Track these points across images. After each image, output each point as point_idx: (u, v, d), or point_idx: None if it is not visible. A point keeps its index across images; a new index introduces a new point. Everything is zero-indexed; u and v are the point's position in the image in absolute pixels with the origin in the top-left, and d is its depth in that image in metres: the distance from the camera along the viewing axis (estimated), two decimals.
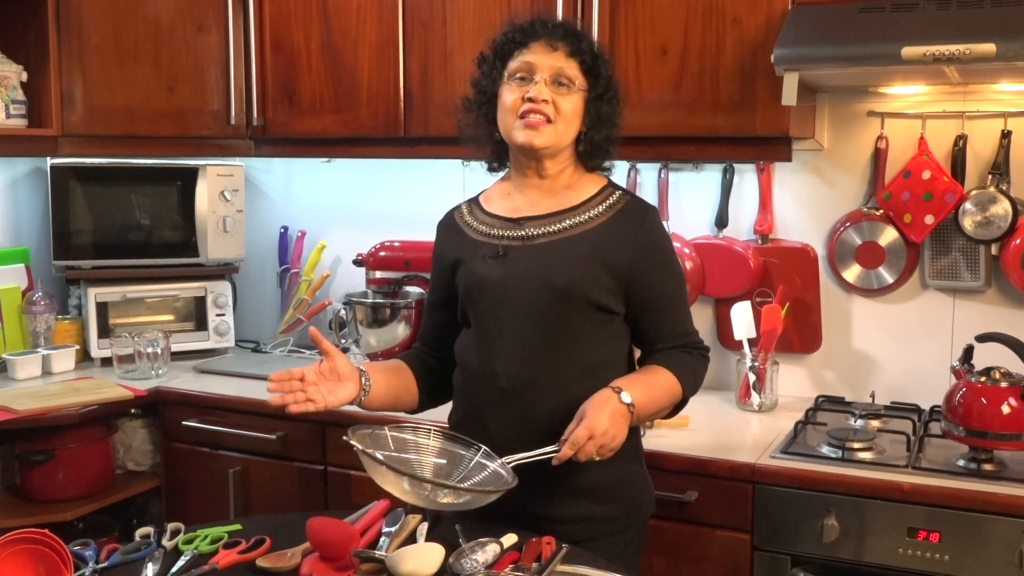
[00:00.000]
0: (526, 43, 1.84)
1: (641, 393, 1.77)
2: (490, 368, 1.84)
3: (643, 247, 1.84)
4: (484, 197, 2.00)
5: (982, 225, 2.43)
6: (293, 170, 3.38)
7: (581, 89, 1.84)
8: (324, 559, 1.63)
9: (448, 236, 1.99)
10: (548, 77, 1.81)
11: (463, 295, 1.91)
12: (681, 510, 2.16)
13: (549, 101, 1.81)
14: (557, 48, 1.83)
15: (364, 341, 2.89)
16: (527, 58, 1.83)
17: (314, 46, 2.86)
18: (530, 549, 1.65)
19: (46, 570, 1.51)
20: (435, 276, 2.02)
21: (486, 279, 1.85)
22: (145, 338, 2.92)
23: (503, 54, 1.88)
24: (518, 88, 1.83)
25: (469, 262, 1.89)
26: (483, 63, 1.93)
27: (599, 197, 1.89)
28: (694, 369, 1.90)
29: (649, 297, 1.86)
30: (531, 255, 1.84)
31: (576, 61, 1.83)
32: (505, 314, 1.84)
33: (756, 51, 2.31)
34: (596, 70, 1.85)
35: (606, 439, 1.68)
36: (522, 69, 1.83)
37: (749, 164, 2.70)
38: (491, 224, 1.92)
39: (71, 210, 3.05)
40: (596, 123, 1.87)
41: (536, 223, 1.87)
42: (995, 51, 1.95)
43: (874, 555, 2.03)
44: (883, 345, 2.62)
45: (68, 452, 2.66)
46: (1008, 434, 2.05)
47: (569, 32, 1.86)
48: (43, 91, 2.89)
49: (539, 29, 1.85)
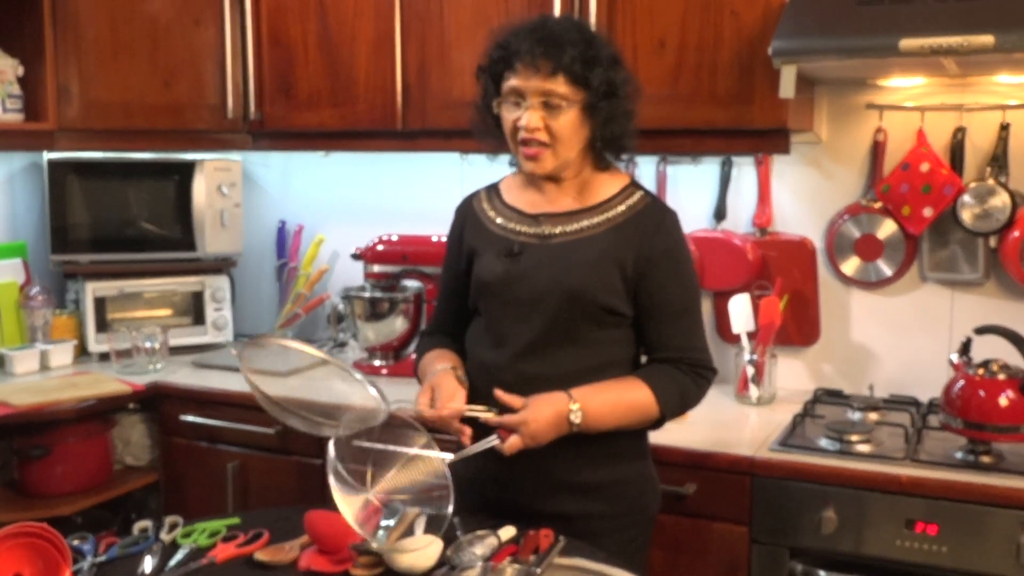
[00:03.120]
0: (511, 64, 1.78)
1: (597, 412, 1.75)
2: (496, 361, 1.84)
3: (656, 250, 1.81)
4: (504, 186, 1.98)
5: (981, 218, 2.43)
6: (291, 164, 3.38)
7: (575, 102, 1.76)
8: (322, 552, 1.64)
9: (466, 223, 1.97)
10: (537, 101, 1.76)
11: (476, 287, 1.90)
12: (680, 503, 2.16)
13: (542, 128, 1.76)
14: (540, 68, 1.74)
15: (362, 335, 2.89)
16: (513, 83, 1.77)
17: (311, 40, 2.85)
18: (528, 542, 1.66)
19: (45, 564, 1.51)
20: (450, 262, 2.00)
21: (499, 275, 1.84)
22: (143, 333, 2.92)
23: (494, 75, 1.83)
24: (512, 110, 1.79)
25: (484, 255, 1.88)
26: (480, 76, 1.88)
27: (620, 197, 1.86)
28: (683, 390, 1.83)
29: (654, 303, 1.83)
30: (547, 254, 1.83)
31: (562, 76, 1.74)
32: (514, 311, 1.83)
33: (754, 44, 2.31)
34: (587, 77, 1.75)
35: (531, 441, 1.70)
36: (511, 93, 1.79)
37: (747, 157, 2.70)
38: (509, 217, 1.90)
39: (68, 205, 3.05)
40: (606, 122, 1.80)
41: (554, 221, 1.86)
42: (993, 43, 1.95)
43: (872, 547, 2.03)
44: (881, 338, 2.63)
45: (66, 447, 2.66)
46: (1006, 426, 2.05)
47: (551, 44, 1.74)
48: (39, 85, 2.88)
49: (520, 48, 1.75)
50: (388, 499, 1.63)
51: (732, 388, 2.62)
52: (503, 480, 1.85)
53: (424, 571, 1.57)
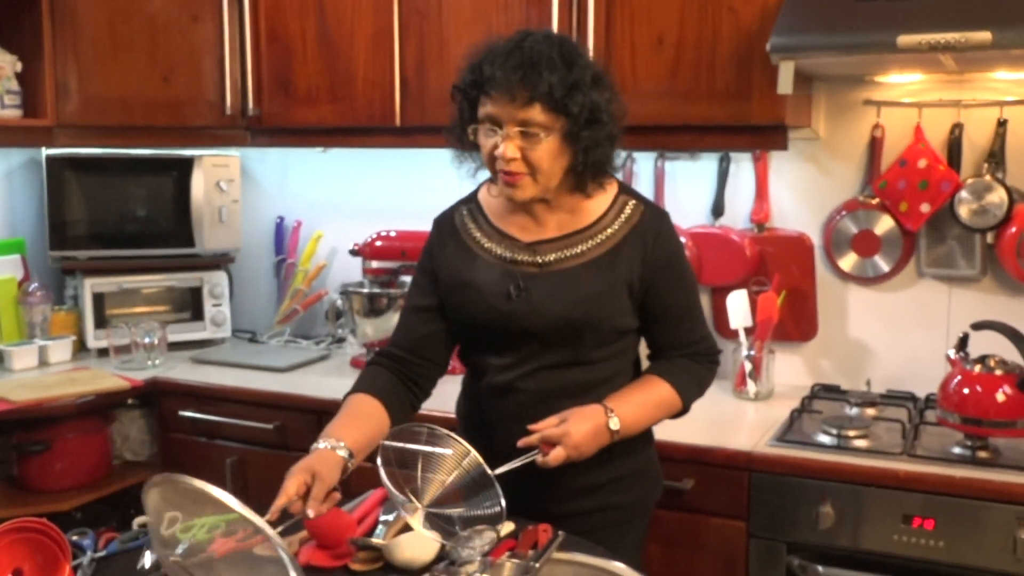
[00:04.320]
0: (487, 91, 1.68)
1: (632, 416, 1.76)
2: (510, 384, 1.82)
3: (657, 261, 1.80)
4: (485, 203, 1.88)
5: (978, 214, 2.43)
6: (289, 160, 3.38)
7: (553, 129, 1.67)
8: (321, 547, 1.64)
9: (449, 245, 1.87)
10: (514, 131, 1.67)
11: (474, 322, 1.83)
12: (678, 498, 2.17)
13: (518, 158, 1.67)
14: (516, 97, 1.64)
15: (360, 331, 2.89)
16: (489, 110, 1.68)
17: (309, 36, 2.85)
18: (526, 537, 1.66)
19: (44, 559, 1.51)
20: (426, 281, 1.89)
21: (504, 314, 1.78)
22: (141, 328, 2.92)
23: (470, 99, 1.73)
24: (490, 136, 1.70)
25: (482, 289, 1.79)
26: (455, 97, 1.78)
27: (613, 211, 1.81)
28: (699, 379, 1.88)
29: (661, 309, 1.83)
30: (550, 284, 1.77)
31: (539, 105, 1.64)
32: (525, 341, 1.79)
33: (752, 40, 2.31)
34: (567, 104, 1.65)
35: (574, 452, 1.68)
36: (488, 120, 1.70)
37: (745, 153, 2.70)
38: (500, 243, 1.82)
39: (67, 201, 3.05)
40: (586, 149, 1.70)
41: (551, 247, 1.79)
42: (991, 39, 1.95)
43: (869, 542, 2.04)
44: (879, 333, 2.63)
45: (65, 442, 2.66)
46: (1003, 421, 2.06)
47: (528, 70, 1.64)
48: (38, 81, 2.88)
49: (495, 74, 1.65)
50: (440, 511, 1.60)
51: (730, 384, 2.63)
52: (511, 484, 1.84)
53: (423, 566, 1.57)
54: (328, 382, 2.74)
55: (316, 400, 2.57)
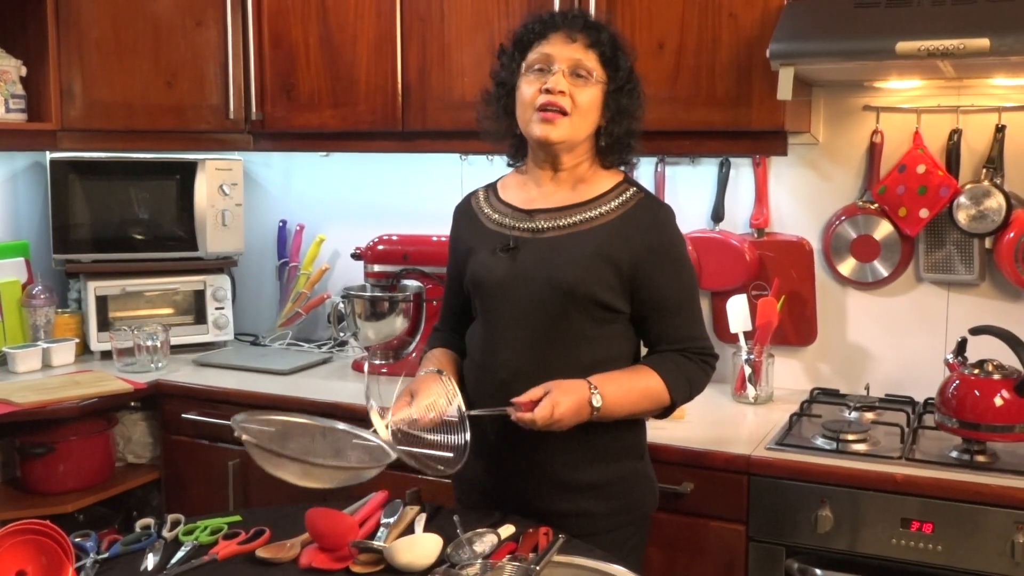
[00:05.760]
0: (545, 34, 1.84)
1: (614, 397, 1.77)
2: (492, 359, 1.85)
3: (651, 247, 1.83)
4: (501, 184, 2.00)
5: (976, 219, 2.44)
6: (292, 164, 3.39)
7: (600, 81, 1.82)
8: (323, 549, 1.65)
9: (463, 222, 2.00)
10: (566, 68, 1.80)
11: (471, 285, 1.91)
12: (677, 502, 2.18)
13: (566, 93, 1.80)
14: (576, 39, 1.82)
15: (362, 334, 2.90)
16: (545, 49, 1.82)
17: (312, 41, 2.87)
18: (527, 539, 1.67)
19: (48, 561, 1.52)
20: (451, 262, 2.04)
21: (493, 272, 1.86)
22: (144, 331, 2.93)
23: (522, 45, 1.87)
24: (536, 80, 1.82)
25: (479, 252, 1.90)
26: (502, 55, 1.92)
27: (613, 193, 1.87)
28: (690, 376, 1.87)
29: (654, 298, 1.85)
30: (539, 249, 1.84)
31: (595, 52, 1.82)
32: (509, 307, 1.84)
33: (752, 46, 2.32)
34: (616, 62, 1.84)
35: (552, 423, 1.70)
36: (540, 60, 1.83)
37: (745, 158, 2.71)
38: (504, 213, 1.92)
39: (70, 204, 3.06)
40: (616, 116, 1.85)
41: (547, 216, 1.87)
42: (989, 46, 1.96)
43: (868, 546, 2.05)
44: (878, 338, 2.64)
45: (68, 445, 2.67)
46: (1001, 426, 2.06)
47: (589, 23, 1.85)
48: (42, 85, 2.90)
49: (559, 20, 1.84)
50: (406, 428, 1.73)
51: (729, 387, 2.64)
52: (503, 479, 1.86)
53: (424, 568, 1.58)
54: (330, 385, 2.75)
55: (318, 403, 2.58)
